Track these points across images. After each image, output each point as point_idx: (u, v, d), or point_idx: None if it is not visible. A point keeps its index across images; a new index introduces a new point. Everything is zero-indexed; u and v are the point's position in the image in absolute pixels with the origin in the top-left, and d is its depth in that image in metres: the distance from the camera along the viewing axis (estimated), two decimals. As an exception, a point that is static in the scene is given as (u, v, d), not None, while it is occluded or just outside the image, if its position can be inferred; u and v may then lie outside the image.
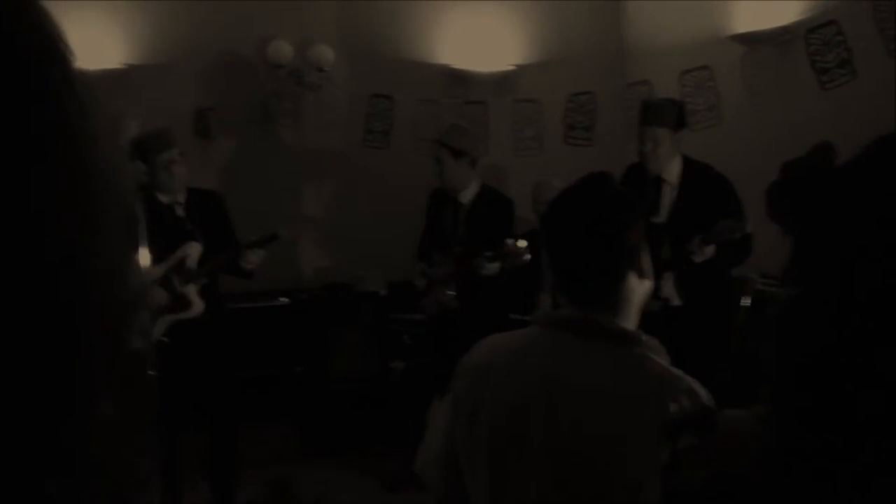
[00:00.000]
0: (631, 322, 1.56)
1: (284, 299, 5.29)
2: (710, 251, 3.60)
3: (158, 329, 3.62)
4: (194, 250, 3.78)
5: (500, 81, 6.02)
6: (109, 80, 5.01)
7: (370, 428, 5.00)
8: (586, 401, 1.46)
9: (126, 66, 5.26)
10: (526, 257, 3.92)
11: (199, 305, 3.76)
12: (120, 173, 0.50)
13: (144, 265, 3.31)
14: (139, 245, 3.20)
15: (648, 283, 1.58)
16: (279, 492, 4.20)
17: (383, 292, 5.43)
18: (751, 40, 5.09)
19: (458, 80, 5.98)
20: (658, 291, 3.65)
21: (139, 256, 3.21)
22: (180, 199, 3.84)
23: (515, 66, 6.05)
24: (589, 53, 6.10)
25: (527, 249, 3.89)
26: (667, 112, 3.91)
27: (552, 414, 1.47)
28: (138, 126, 3.74)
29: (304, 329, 5.25)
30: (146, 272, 3.40)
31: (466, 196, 4.28)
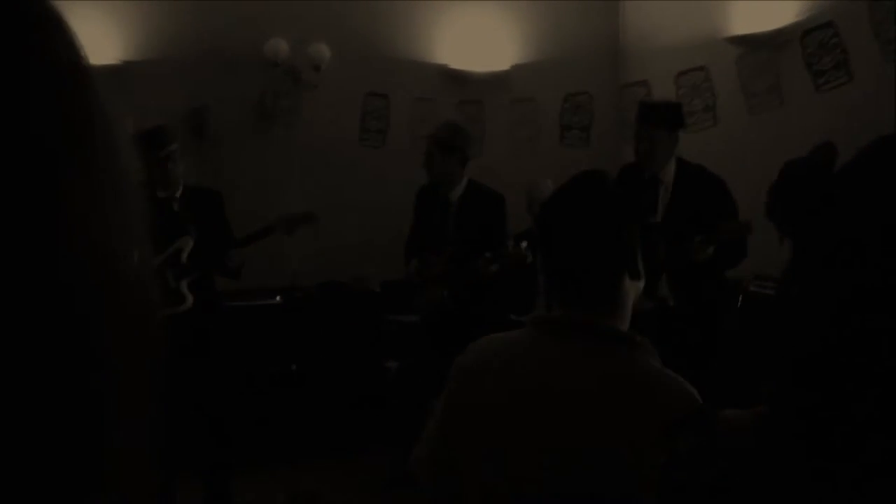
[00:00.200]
0: (624, 323, 1.56)
1: (278, 298, 5.28)
2: (711, 252, 3.61)
3: None
4: (186, 245, 3.80)
5: (497, 81, 6.03)
6: (105, 77, 4.99)
7: (364, 427, 4.99)
8: (579, 402, 1.46)
9: (122, 63, 5.25)
10: (528, 259, 3.92)
11: (190, 300, 3.78)
12: (134, 172, 0.51)
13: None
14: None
15: (641, 284, 1.58)
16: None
17: (378, 291, 5.42)
18: (747, 42, 5.09)
19: (455, 79, 5.98)
20: (653, 292, 3.66)
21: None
22: (176, 195, 3.86)
23: (512, 66, 6.06)
24: (585, 54, 6.11)
25: (528, 251, 3.89)
26: (665, 113, 3.91)
27: (545, 415, 1.47)
28: (134, 123, 3.75)
29: (299, 328, 5.25)
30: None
31: (455, 194, 4.28)
